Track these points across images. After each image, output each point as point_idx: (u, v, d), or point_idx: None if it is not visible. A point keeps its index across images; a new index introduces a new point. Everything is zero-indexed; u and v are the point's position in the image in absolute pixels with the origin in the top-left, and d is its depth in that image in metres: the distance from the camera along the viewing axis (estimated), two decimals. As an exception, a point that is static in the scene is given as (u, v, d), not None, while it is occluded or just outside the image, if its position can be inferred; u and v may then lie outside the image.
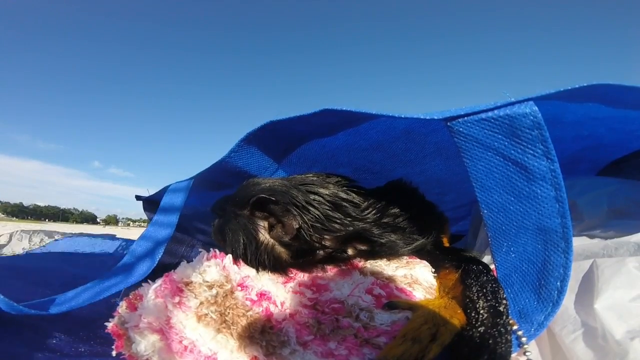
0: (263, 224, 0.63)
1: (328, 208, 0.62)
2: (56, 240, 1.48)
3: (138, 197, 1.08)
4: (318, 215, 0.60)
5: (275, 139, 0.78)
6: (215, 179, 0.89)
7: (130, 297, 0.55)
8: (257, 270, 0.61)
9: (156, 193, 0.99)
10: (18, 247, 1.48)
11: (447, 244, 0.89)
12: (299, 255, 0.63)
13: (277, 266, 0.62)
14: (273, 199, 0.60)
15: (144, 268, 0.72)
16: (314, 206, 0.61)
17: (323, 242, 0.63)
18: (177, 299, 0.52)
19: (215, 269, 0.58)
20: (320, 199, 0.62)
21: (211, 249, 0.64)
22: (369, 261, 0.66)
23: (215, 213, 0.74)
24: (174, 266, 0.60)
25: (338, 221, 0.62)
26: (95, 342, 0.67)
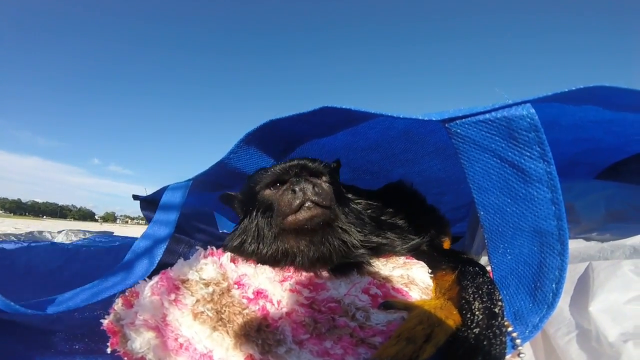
0: None
1: None
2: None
3: (135, 197, 1.07)
4: None
5: (275, 139, 0.78)
6: (215, 179, 0.89)
7: (127, 294, 0.55)
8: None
9: (154, 193, 0.99)
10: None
11: (447, 247, 0.89)
12: None
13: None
14: None
15: (143, 269, 0.71)
16: None
17: None
18: (173, 297, 0.52)
19: (212, 267, 0.58)
20: None
21: (208, 247, 0.64)
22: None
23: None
24: (172, 265, 0.60)
25: None
26: (90, 340, 0.67)
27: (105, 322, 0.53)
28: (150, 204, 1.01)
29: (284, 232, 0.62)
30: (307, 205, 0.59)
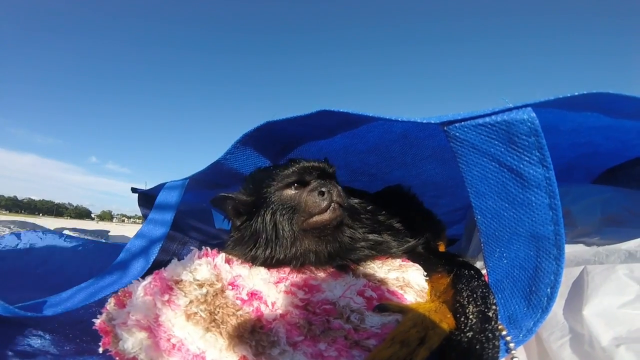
0: None
1: None
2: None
3: (134, 190, 1.06)
4: None
5: (272, 140, 0.78)
6: (212, 178, 0.89)
7: (119, 293, 0.54)
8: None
9: (152, 188, 0.98)
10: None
11: (442, 249, 0.90)
12: None
13: None
14: None
15: (138, 268, 0.71)
16: None
17: None
18: (166, 297, 0.51)
19: (206, 268, 0.58)
20: None
21: (203, 247, 0.63)
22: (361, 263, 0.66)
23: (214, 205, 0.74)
24: (166, 263, 0.59)
25: None
26: (82, 341, 0.65)
27: (98, 321, 0.52)
28: (147, 200, 1.00)
29: (304, 232, 0.64)
30: (332, 206, 0.63)
